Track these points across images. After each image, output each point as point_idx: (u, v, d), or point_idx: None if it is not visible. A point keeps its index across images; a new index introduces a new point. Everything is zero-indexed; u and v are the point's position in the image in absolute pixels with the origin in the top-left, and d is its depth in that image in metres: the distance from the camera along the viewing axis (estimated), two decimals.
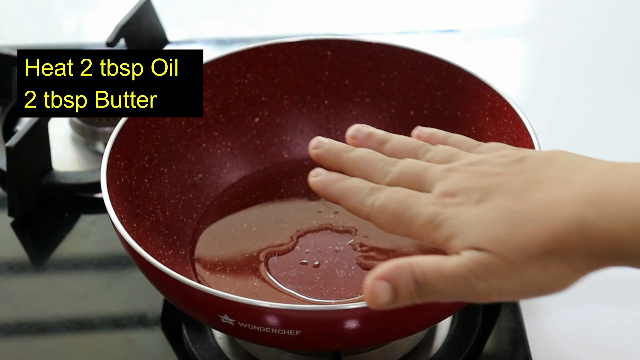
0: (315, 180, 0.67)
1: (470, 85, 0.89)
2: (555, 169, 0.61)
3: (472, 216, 0.60)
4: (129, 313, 0.89)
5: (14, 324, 0.89)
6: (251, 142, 0.95)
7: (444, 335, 0.85)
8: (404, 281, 0.60)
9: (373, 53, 0.94)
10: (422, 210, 0.62)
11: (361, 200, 0.65)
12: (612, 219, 0.56)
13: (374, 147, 0.70)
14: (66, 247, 0.97)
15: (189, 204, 0.90)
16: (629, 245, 0.56)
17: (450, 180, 0.63)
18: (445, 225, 0.61)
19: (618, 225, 0.56)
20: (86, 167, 1.06)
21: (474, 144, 0.69)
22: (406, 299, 0.60)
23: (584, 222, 0.57)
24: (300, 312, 0.70)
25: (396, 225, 0.63)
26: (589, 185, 0.58)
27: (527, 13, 1.39)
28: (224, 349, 0.84)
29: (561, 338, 0.87)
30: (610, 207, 0.56)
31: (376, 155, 0.68)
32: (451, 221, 0.61)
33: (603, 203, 0.57)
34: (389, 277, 0.60)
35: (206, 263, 0.86)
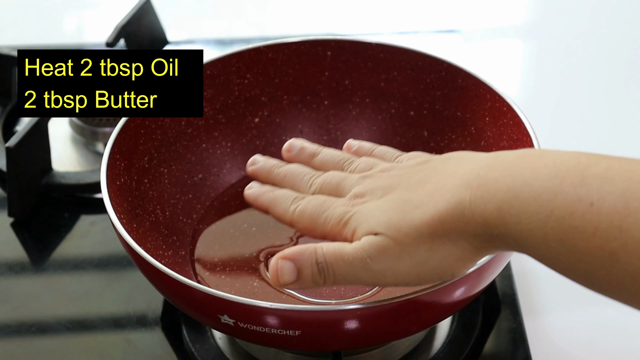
0: (248, 192, 0.75)
1: (470, 85, 0.89)
2: (449, 164, 0.66)
3: (372, 208, 0.66)
4: (129, 313, 0.89)
5: (14, 324, 0.89)
6: (251, 143, 0.95)
7: (444, 335, 0.85)
8: (307, 262, 0.65)
9: (373, 53, 0.94)
10: (335, 211, 0.68)
11: (285, 207, 0.71)
12: (483, 200, 0.61)
13: (305, 159, 0.78)
14: (66, 247, 0.97)
15: (189, 204, 0.90)
16: (497, 225, 0.61)
17: (361, 185, 0.69)
18: (352, 220, 0.67)
19: (487, 206, 0.61)
20: (86, 167, 1.06)
21: (396, 154, 0.75)
22: (309, 281, 0.66)
23: (461, 203, 0.62)
24: (300, 312, 0.70)
25: (314, 227, 0.69)
26: (469, 172, 0.63)
27: (527, 13, 1.39)
28: (223, 349, 0.84)
29: (561, 338, 0.87)
30: (481, 190, 0.61)
31: (303, 169, 0.75)
32: (356, 216, 0.67)
33: (477, 186, 0.61)
34: (292, 258, 0.66)
35: (206, 263, 0.86)
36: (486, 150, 0.88)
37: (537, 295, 0.90)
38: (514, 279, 0.90)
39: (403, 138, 0.94)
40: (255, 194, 0.75)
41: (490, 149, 0.87)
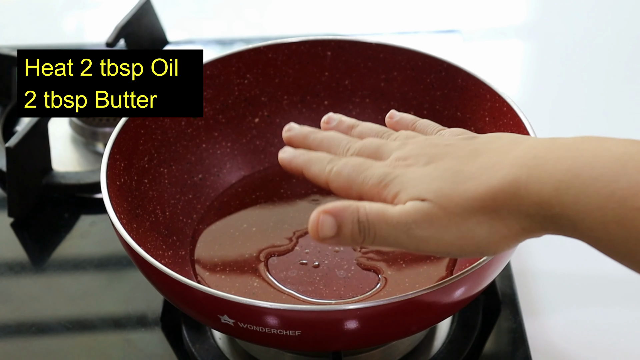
0: (282, 155, 0.72)
1: (470, 85, 0.89)
2: (500, 143, 0.66)
3: (419, 174, 0.65)
4: (129, 313, 0.89)
5: (14, 324, 0.89)
6: (251, 143, 0.95)
7: (444, 335, 0.85)
8: (349, 219, 0.63)
9: (373, 53, 0.94)
10: (375, 172, 0.67)
11: (321, 167, 0.69)
12: (540, 179, 0.60)
13: (343, 131, 0.75)
14: (66, 247, 0.97)
15: (189, 204, 0.90)
16: (553, 205, 0.60)
17: (404, 150, 0.68)
18: (394, 182, 0.65)
19: (545, 186, 0.60)
20: (86, 167, 1.06)
21: (438, 128, 0.73)
22: (349, 238, 0.64)
23: (517, 181, 0.61)
24: (300, 312, 0.70)
25: (350, 187, 0.67)
26: (526, 152, 0.63)
27: (527, 13, 1.39)
28: (223, 350, 0.84)
29: (561, 338, 0.87)
30: (539, 170, 0.61)
31: (341, 136, 0.73)
32: (399, 178, 0.65)
33: (534, 166, 0.61)
34: (334, 213, 0.64)
35: (206, 263, 0.86)
36: None
37: (537, 295, 0.90)
38: (514, 279, 0.90)
39: None
40: (289, 156, 0.71)
41: None
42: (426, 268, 0.84)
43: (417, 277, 0.84)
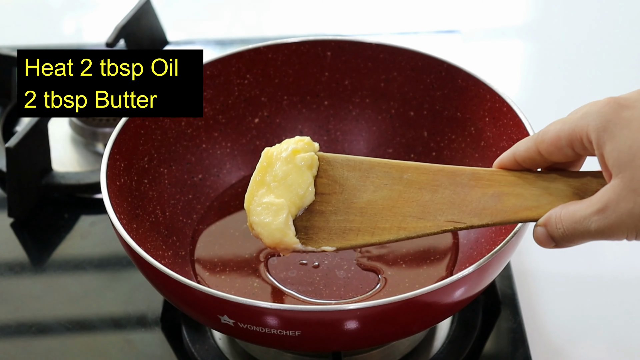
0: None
1: (470, 85, 0.89)
2: None
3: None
4: (129, 313, 0.89)
5: (14, 324, 0.89)
6: (251, 143, 0.95)
7: (444, 335, 0.85)
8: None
9: (373, 54, 0.94)
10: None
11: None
12: None
13: None
14: (66, 247, 0.97)
15: (189, 204, 0.90)
16: None
17: None
18: None
19: None
20: (86, 167, 1.06)
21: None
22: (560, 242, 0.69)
23: None
24: (299, 312, 0.70)
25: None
26: None
27: (527, 13, 1.39)
28: (223, 350, 0.84)
29: (561, 338, 0.87)
30: None
31: None
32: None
33: None
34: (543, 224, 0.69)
35: (206, 264, 0.86)
36: (486, 151, 0.88)
37: (537, 295, 0.90)
38: (514, 279, 0.90)
39: (403, 138, 0.94)
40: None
41: (490, 149, 0.87)
42: (426, 268, 0.84)
43: (417, 277, 0.84)
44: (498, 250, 0.72)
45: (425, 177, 0.73)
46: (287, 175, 0.74)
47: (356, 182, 0.74)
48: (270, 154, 0.75)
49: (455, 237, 0.88)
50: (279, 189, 0.74)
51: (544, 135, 0.69)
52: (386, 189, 0.74)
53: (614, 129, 0.64)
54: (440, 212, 0.72)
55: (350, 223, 0.74)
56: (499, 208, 0.71)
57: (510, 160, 0.72)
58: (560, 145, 0.68)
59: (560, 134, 0.68)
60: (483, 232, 0.85)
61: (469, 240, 0.86)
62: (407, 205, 0.73)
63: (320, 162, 0.75)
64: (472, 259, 0.83)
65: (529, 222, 0.71)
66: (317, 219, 0.74)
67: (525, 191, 0.71)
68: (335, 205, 0.74)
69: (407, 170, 0.74)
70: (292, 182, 0.74)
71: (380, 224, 0.73)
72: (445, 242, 0.87)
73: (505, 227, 0.82)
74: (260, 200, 0.74)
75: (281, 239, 0.73)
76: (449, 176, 0.73)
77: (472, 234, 0.86)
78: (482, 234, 0.85)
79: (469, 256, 0.85)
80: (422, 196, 0.73)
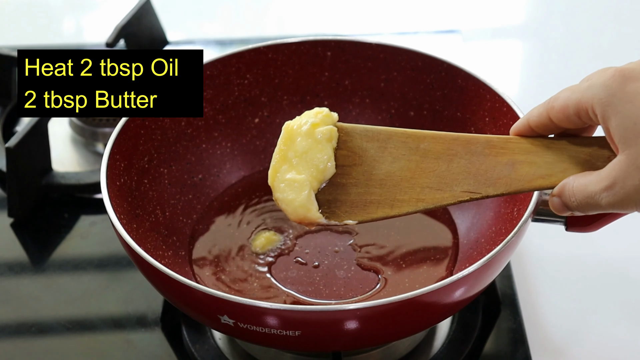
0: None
1: (470, 85, 0.89)
2: None
3: None
4: (129, 314, 0.89)
5: (14, 324, 0.89)
6: (251, 143, 0.95)
7: (444, 335, 0.85)
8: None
9: (373, 54, 0.94)
10: None
11: None
12: None
13: None
14: (66, 247, 0.97)
15: (189, 204, 0.90)
16: None
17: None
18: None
19: None
20: (86, 167, 1.06)
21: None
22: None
23: None
24: (299, 312, 0.70)
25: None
26: None
27: (527, 13, 1.39)
28: (223, 350, 0.84)
29: (561, 338, 0.87)
30: None
31: None
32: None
33: None
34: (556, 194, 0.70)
35: (206, 264, 0.86)
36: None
37: (537, 295, 0.90)
38: (514, 279, 0.90)
39: None
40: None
41: None
42: (426, 268, 0.84)
43: (417, 277, 0.84)
44: (498, 251, 0.72)
45: (441, 146, 0.74)
46: (307, 150, 0.75)
47: (375, 153, 0.75)
48: (291, 127, 0.76)
49: (455, 237, 0.88)
50: (300, 165, 0.75)
51: (553, 102, 0.70)
52: (404, 160, 0.75)
53: (618, 104, 0.65)
54: (457, 182, 0.73)
55: (370, 195, 0.75)
56: (513, 177, 0.72)
57: (524, 126, 0.72)
58: (568, 114, 0.68)
59: (568, 102, 0.68)
60: (483, 232, 0.85)
61: (469, 240, 0.86)
62: (425, 176, 0.74)
63: (339, 133, 0.76)
64: (472, 259, 0.83)
65: (542, 190, 0.72)
66: (339, 191, 0.76)
67: (538, 159, 0.71)
68: (356, 177, 0.75)
69: (424, 139, 0.75)
70: (313, 157, 0.75)
71: (399, 196, 0.74)
72: (445, 242, 0.87)
73: (505, 227, 0.82)
74: (283, 176, 0.75)
75: (305, 214, 0.75)
76: (464, 145, 0.74)
77: (472, 234, 0.87)
78: (482, 234, 0.85)
79: (469, 256, 0.85)
80: (438, 166, 0.74)
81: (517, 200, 0.82)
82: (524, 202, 0.79)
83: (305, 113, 0.76)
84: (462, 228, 0.88)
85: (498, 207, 0.85)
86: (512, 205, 0.83)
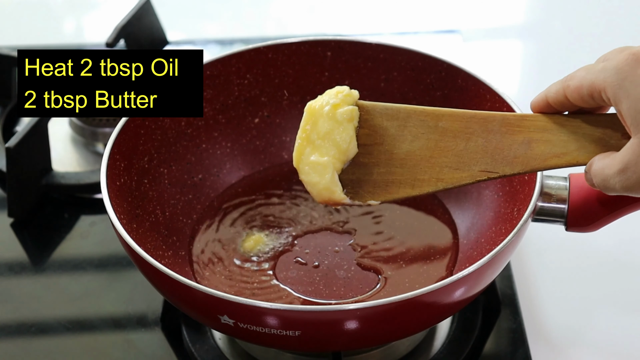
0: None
1: (470, 85, 0.89)
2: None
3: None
4: (129, 314, 0.89)
5: (14, 324, 0.89)
6: (251, 143, 0.95)
7: (444, 335, 0.85)
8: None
9: (373, 54, 0.94)
10: None
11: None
12: None
13: None
14: (66, 247, 0.97)
15: (189, 204, 0.90)
16: None
17: None
18: None
19: None
20: (86, 167, 1.06)
21: None
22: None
23: None
24: (299, 312, 0.70)
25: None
26: None
27: (527, 13, 1.39)
28: (223, 350, 0.84)
29: (561, 338, 0.87)
30: None
31: None
32: None
33: None
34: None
35: (206, 264, 0.86)
36: None
37: (537, 295, 0.90)
38: (514, 279, 0.90)
39: None
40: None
41: None
42: (426, 268, 0.84)
43: (417, 277, 0.84)
44: (498, 251, 0.72)
45: (458, 124, 0.75)
46: (330, 131, 0.76)
47: (395, 131, 0.76)
48: (313, 108, 0.77)
49: (455, 237, 0.88)
50: (323, 147, 0.76)
51: (569, 81, 0.70)
52: (423, 138, 0.75)
53: (629, 87, 0.65)
54: (475, 161, 0.74)
55: (392, 175, 0.76)
56: (529, 155, 0.73)
57: (542, 101, 0.73)
58: (582, 94, 0.69)
59: (583, 82, 0.69)
60: (483, 232, 0.85)
61: (469, 240, 0.86)
62: (444, 155, 0.75)
63: (360, 112, 0.77)
64: (472, 259, 0.83)
65: (557, 168, 0.73)
66: (361, 171, 0.77)
67: (554, 137, 0.72)
68: (377, 157, 0.77)
69: (442, 117, 0.75)
70: (335, 137, 0.76)
71: (420, 176, 0.75)
72: (445, 242, 0.87)
73: (505, 227, 0.82)
74: (307, 159, 0.76)
75: (329, 196, 0.76)
76: (481, 123, 0.74)
77: (472, 234, 0.87)
78: (482, 234, 0.85)
79: (469, 256, 0.85)
80: (456, 145, 0.75)
81: (517, 200, 0.82)
82: (524, 202, 0.79)
83: (327, 92, 0.77)
84: (462, 228, 0.88)
85: (498, 207, 0.85)
86: (512, 205, 0.83)
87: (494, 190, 0.87)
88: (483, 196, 0.88)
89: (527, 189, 0.80)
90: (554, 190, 0.79)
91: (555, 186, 0.79)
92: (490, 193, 0.87)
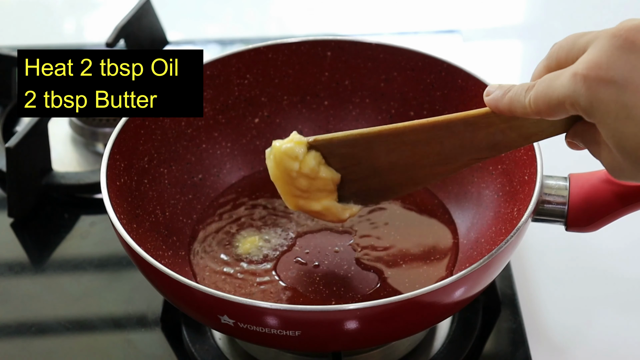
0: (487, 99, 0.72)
1: (470, 85, 0.89)
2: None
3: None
4: (129, 313, 0.89)
5: (14, 324, 0.89)
6: (251, 143, 0.95)
7: (444, 335, 0.85)
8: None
9: (373, 54, 0.94)
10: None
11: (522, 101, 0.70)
12: None
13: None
14: (66, 247, 0.97)
15: (189, 204, 0.90)
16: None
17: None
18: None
19: None
20: (86, 167, 1.06)
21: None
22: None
23: None
24: (299, 312, 0.70)
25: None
26: None
27: (527, 13, 1.39)
28: (223, 350, 0.84)
29: (561, 338, 0.87)
30: None
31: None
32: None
33: None
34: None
35: (205, 263, 0.86)
36: None
37: (537, 295, 0.90)
38: (514, 279, 0.90)
39: None
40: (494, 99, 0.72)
41: None
42: (426, 268, 0.84)
43: (417, 277, 0.84)
44: (498, 250, 0.72)
45: (424, 134, 0.74)
46: (309, 185, 0.79)
47: (364, 153, 0.76)
48: (275, 174, 0.80)
49: (455, 237, 0.88)
50: (312, 196, 0.79)
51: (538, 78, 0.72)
52: (397, 151, 0.76)
53: (595, 113, 0.64)
54: (459, 155, 0.74)
55: (389, 181, 0.77)
56: (508, 139, 0.72)
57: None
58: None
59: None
60: (483, 232, 0.85)
61: (469, 240, 0.86)
62: (426, 157, 0.75)
63: (320, 150, 0.78)
64: (472, 259, 0.83)
65: (542, 140, 0.72)
66: (357, 185, 0.78)
67: (522, 121, 0.71)
68: (363, 172, 0.77)
69: (403, 134, 0.75)
70: (317, 185, 0.79)
71: (415, 174, 0.76)
72: (445, 242, 0.87)
73: (505, 227, 0.82)
74: (305, 207, 0.80)
75: (341, 218, 0.81)
76: (445, 129, 0.74)
77: (472, 234, 0.87)
78: (482, 234, 0.85)
79: (469, 256, 0.85)
80: (433, 149, 0.74)
81: (517, 200, 0.82)
82: (524, 202, 0.79)
83: (274, 145, 0.79)
84: (462, 228, 0.88)
85: (498, 207, 0.85)
86: (512, 205, 0.83)
87: (494, 190, 0.87)
88: (483, 196, 0.88)
89: (527, 189, 0.80)
90: (554, 190, 0.79)
91: (555, 186, 0.79)
92: (490, 193, 0.87)
